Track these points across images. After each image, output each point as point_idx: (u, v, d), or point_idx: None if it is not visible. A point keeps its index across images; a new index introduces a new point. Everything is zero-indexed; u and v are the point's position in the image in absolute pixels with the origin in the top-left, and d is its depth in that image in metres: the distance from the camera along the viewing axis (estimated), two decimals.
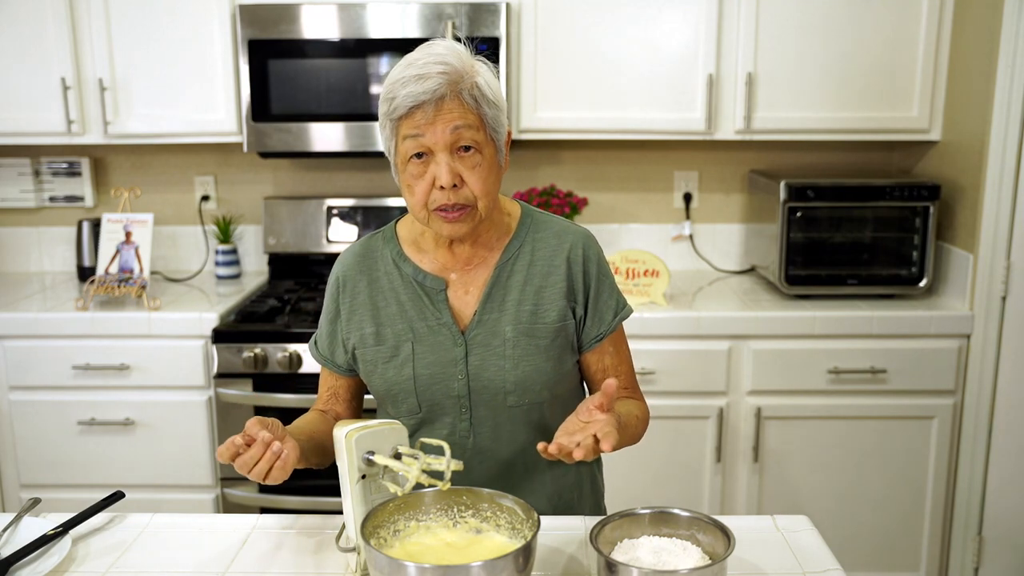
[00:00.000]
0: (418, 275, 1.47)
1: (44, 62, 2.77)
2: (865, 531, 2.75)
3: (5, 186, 3.19)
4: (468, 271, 1.47)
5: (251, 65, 2.74)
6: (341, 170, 3.20)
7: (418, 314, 1.46)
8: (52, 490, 2.69)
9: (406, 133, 1.34)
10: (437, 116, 1.32)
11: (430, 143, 1.33)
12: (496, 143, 1.39)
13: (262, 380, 2.62)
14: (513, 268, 1.47)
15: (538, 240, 1.49)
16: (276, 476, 1.24)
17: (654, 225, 3.20)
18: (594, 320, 1.49)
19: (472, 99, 1.34)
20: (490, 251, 1.48)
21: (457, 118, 1.32)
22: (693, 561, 1.18)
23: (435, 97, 1.31)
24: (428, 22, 2.71)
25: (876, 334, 2.63)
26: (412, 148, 1.34)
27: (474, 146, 1.35)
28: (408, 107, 1.32)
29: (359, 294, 1.50)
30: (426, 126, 1.32)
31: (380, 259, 1.50)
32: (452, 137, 1.33)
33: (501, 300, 1.45)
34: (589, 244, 1.50)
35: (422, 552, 1.21)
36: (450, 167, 1.33)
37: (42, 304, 2.75)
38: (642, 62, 2.77)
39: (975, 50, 2.62)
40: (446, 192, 1.34)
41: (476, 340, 1.44)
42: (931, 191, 2.72)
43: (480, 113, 1.35)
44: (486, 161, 1.37)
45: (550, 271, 1.47)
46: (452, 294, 1.47)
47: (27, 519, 1.41)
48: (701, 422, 2.67)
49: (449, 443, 1.45)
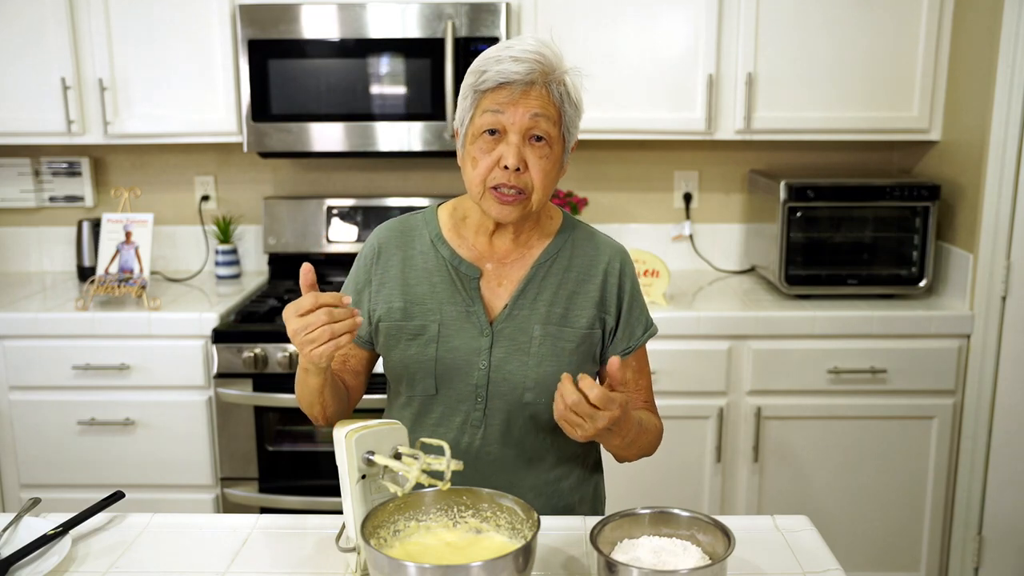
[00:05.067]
0: (455, 260, 1.48)
1: (44, 62, 2.77)
2: (865, 531, 2.75)
3: (5, 186, 3.19)
4: (504, 265, 1.49)
5: (251, 65, 2.74)
6: (341, 170, 3.20)
7: (449, 298, 1.47)
8: (52, 490, 2.69)
9: (487, 107, 1.37)
10: (522, 99, 1.35)
11: (507, 122, 1.36)
12: (566, 143, 1.43)
13: (262, 380, 2.62)
14: (550, 269, 1.49)
15: (577, 247, 1.51)
16: (321, 351, 1.23)
17: (654, 225, 3.20)
18: (624, 333, 1.51)
19: (558, 94, 1.38)
20: (528, 249, 1.50)
21: (539, 106, 1.36)
22: (693, 561, 1.18)
23: (526, 80, 1.35)
24: (428, 22, 2.71)
25: (876, 334, 2.63)
26: (488, 123, 1.37)
27: (546, 138, 1.38)
28: (497, 82, 1.35)
29: (392, 267, 1.50)
30: (509, 104, 1.35)
31: (418, 238, 1.51)
32: (530, 123, 1.36)
33: (534, 298, 1.47)
34: (626, 260, 1.54)
35: (422, 552, 1.21)
36: (519, 150, 1.36)
37: (42, 304, 2.75)
38: (642, 62, 2.77)
39: (975, 50, 2.62)
40: (508, 173, 1.37)
41: (503, 333, 1.46)
42: (931, 191, 2.72)
43: (561, 109, 1.39)
44: (553, 155, 1.40)
45: (586, 279, 1.49)
46: (485, 284, 1.48)
47: (27, 519, 1.41)
48: (701, 422, 2.67)
49: (460, 431, 1.46)
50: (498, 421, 1.47)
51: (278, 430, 2.70)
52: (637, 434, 1.41)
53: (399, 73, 2.76)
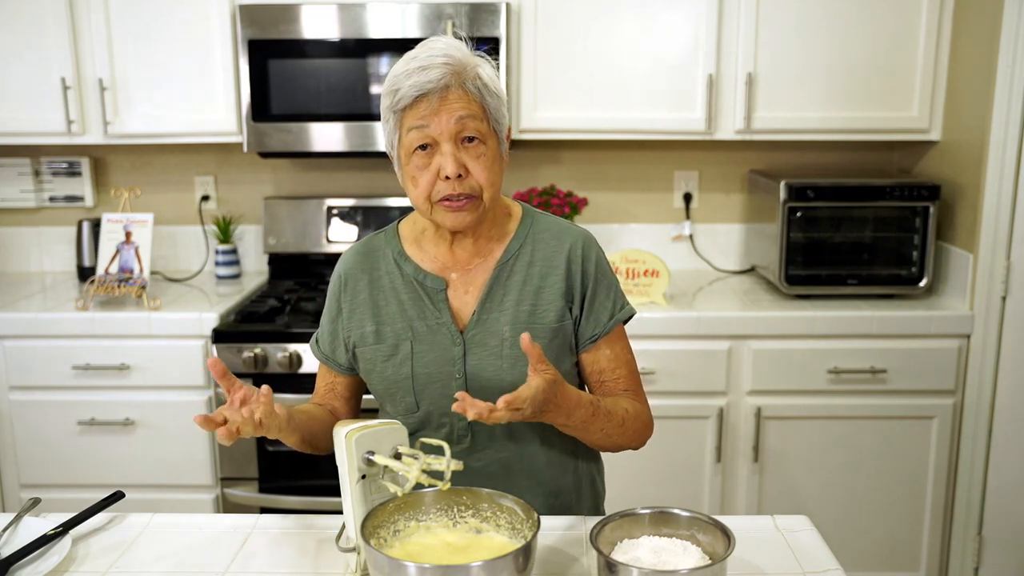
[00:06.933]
0: (419, 275, 1.48)
1: (44, 62, 2.77)
2: (865, 531, 2.75)
3: (5, 186, 3.19)
4: (468, 271, 1.48)
5: (251, 65, 2.74)
6: (341, 170, 3.20)
7: (418, 313, 1.46)
8: (52, 490, 2.69)
9: (411, 124, 1.35)
10: (442, 106, 1.33)
11: (435, 133, 1.34)
12: (498, 135, 1.41)
13: (262, 380, 2.61)
14: (513, 268, 1.47)
15: (538, 240, 1.49)
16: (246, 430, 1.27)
17: (654, 225, 3.20)
18: (589, 320, 1.48)
19: (476, 89, 1.36)
20: (490, 251, 1.48)
21: (462, 108, 1.34)
22: (693, 561, 1.18)
23: (440, 87, 1.33)
24: (428, 22, 2.71)
25: (876, 334, 2.63)
26: (417, 139, 1.35)
27: (478, 136, 1.36)
28: (413, 97, 1.33)
29: (360, 292, 1.50)
30: (431, 116, 1.33)
31: (382, 258, 1.51)
32: (457, 127, 1.34)
33: (500, 300, 1.45)
34: (589, 244, 1.50)
35: (422, 552, 1.21)
36: (455, 157, 1.35)
37: (42, 304, 2.75)
38: (642, 62, 2.77)
39: (975, 50, 2.62)
40: (451, 182, 1.35)
41: (474, 340, 1.44)
42: (931, 191, 2.72)
43: (483, 104, 1.37)
44: (490, 152, 1.38)
45: (549, 271, 1.47)
46: (452, 294, 1.47)
47: (27, 519, 1.41)
48: (701, 422, 2.67)
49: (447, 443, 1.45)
50: (484, 429, 1.45)
51: None
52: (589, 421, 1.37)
53: None
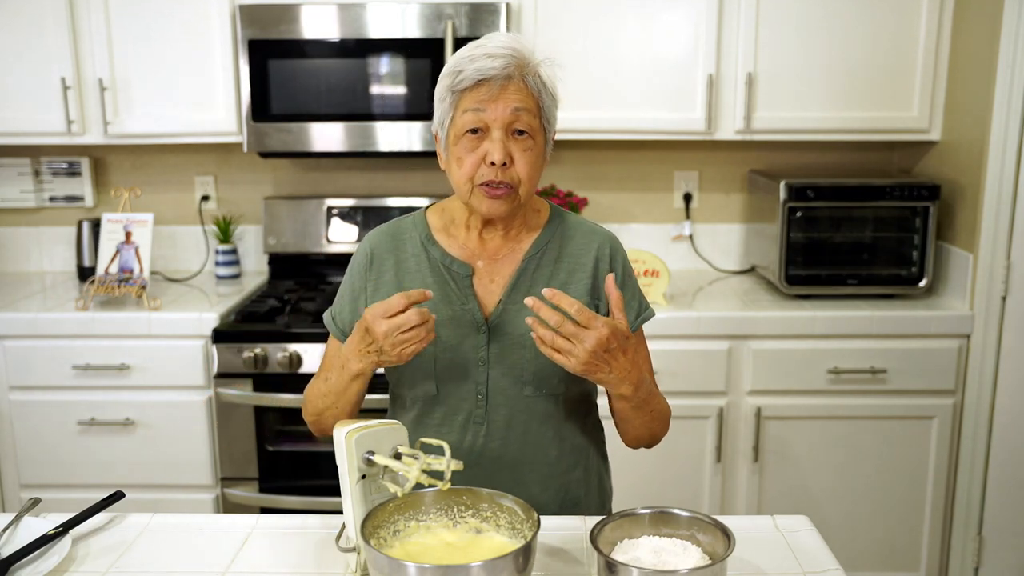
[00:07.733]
0: (445, 259, 1.49)
1: (44, 62, 2.77)
2: (865, 531, 2.75)
3: (5, 186, 3.19)
4: (496, 261, 1.50)
5: (251, 65, 2.74)
6: (341, 170, 3.20)
7: (443, 298, 1.47)
8: (52, 490, 2.69)
9: (467, 106, 1.38)
10: (501, 94, 1.37)
11: (489, 119, 1.37)
12: (547, 134, 1.44)
13: (262, 380, 2.62)
14: (541, 261, 1.49)
15: (566, 237, 1.52)
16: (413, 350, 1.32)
17: (654, 225, 3.20)
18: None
19: (535, 85, 1.40)
20: (518, 244, 1.50)
21: (519, 100, 1.38)
22: (693, 561, 1.18)
23: (502, 75, 1.36)
24: (428, 22, 2.71)
25: (876, 334, 2.63)
26: (470, 122, 1.38)
27: (528, 131, 1.40)
28: (475, 80, 1.36)
29: (386, 272, 1.51)
30: (489, 101, 1.37)
31: (409, 240, 1.52)
32: (511, 117, 1.38)
33: (526, 291, 1.47)
34: (616, 246, 1.54)
35: (422, 552, 1.21)
36: (504, 144, 1.38)
37: (42, 304, 2.75)
38: (642, 62, 2.77)
39: (975, 50, 2.62)
40: (495, 169, 1.38)
41: (499, 328, 1.46)
42: (931, 191, 2.72)
43: (539, 100, 1.41)
44: (536, 148, 1.42)
45: (577, 268, 1.50)
46: (477, 282, 1.49)
47: (27, 519, 1.41)
48: (701, 422, 2.67)
49: (463, 430, 1.46)
50: (500, 417, 1.47)
51: (278, 430, 2.70)
52: (647, 392, 1.41)
53: (399, 73, 2.76)
